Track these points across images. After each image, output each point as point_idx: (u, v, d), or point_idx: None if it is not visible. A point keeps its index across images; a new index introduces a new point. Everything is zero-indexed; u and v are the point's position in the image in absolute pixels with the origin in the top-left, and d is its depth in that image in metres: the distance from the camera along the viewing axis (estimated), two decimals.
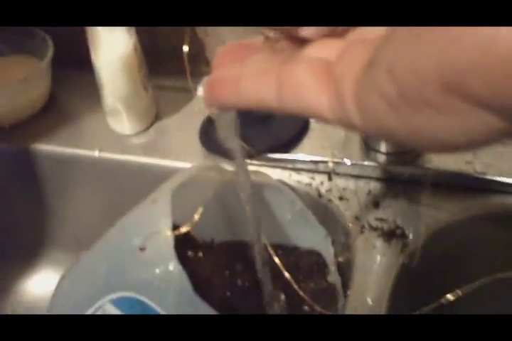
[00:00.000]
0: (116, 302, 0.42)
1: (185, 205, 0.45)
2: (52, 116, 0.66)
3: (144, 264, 0.41)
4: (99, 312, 0.43)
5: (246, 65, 0.27)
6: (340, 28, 0.26)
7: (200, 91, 0.65)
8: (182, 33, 0.64)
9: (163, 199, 0.43)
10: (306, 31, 0.25)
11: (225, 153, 0.56)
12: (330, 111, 0.23)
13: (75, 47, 0.63)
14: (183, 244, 0.47)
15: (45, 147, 0.63)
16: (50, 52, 0.63)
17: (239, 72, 0.26)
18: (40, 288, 0.70)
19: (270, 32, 0.28)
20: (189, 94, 0.65)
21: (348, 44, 0.24)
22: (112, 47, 0.57)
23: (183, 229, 0.42)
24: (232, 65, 0.28)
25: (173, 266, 0.40)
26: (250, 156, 0.53)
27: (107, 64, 0.58)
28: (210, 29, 0.65)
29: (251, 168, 0.53)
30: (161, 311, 0.40)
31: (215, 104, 0.28)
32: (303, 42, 0.26)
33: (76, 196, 0.66)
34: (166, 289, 0.40)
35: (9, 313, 0.68)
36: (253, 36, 0.52)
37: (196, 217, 0.43)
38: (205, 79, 0.35)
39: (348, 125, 0.23)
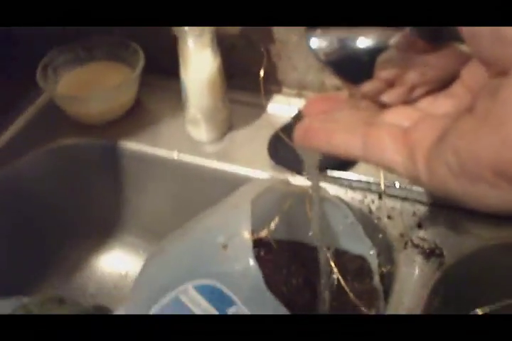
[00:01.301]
0: (197, 288, 0.51)
1: (261, 213, 0.53)
2: (137, 118, 0.74)
3: (225, 259, 0.50)
4: (182, 295, 0.51)
5: (336, 119, 0.34)
6: (411, 98, 0.33)
7: (271, 107, 0.74)
8: (257, 54, 0.72)
9: (244, 206, 0.52)
10: (386, 99, 0.33)
11: (289, 166, 0.65)
12: (403, 168, 0.29)
13: (164, 58, 0.71)
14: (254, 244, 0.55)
15: (129, 145, 0.72)
16: (141, 64, 0.71)
17: (331, 127, 0.33)
18: (109, 265, 0.80)
19: (354, 90, 0.36)
20: (260, 109, 0.73)
21: (420, 116, 0.31)
22: (200, 66, 0.64)
23: (262, 234, 0.50)
24: (321, 117, 0.35)
25: (251, 264, 0.48)
26: None
27: (194, 81, 0.66)
28: (283, 53, 0.72)
29: None
30: (236, 300, 0.49)
31: (306, 146, 0.35)
32: (381, 105, 0.34)
33: (150, 191, 0.75)
34: (242, 283, 0.49)
35: (79, 287, 0.77)
36: (316, 73, 0.61)
37: (273, 225, 0.51)
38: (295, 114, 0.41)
39: (416, 180, 0.30)
